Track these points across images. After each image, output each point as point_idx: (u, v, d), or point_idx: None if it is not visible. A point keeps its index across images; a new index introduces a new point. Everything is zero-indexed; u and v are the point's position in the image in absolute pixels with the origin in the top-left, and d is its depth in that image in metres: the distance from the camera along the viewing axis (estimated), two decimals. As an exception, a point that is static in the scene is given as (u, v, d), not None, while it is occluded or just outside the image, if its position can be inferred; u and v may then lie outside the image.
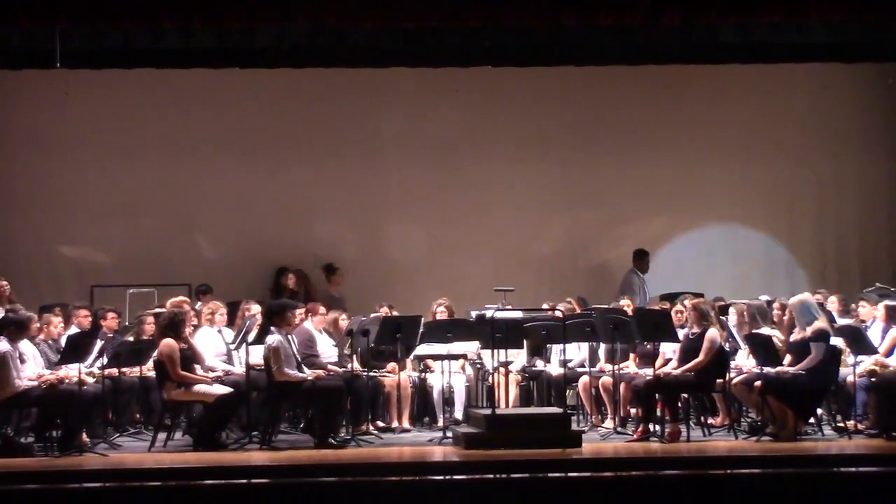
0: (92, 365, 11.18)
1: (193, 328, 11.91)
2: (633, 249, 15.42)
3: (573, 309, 12.67)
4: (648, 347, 11.52)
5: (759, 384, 10.94)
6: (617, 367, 11.67)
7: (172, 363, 10.85)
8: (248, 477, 9.60)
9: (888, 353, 11.24)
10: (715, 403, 11.89)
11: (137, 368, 11.45)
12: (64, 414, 10.65)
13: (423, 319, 11.86)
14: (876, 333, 11.47)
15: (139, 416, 12.15)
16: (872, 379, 11.05)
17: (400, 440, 11.64)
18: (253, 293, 14.14)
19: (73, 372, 10.69)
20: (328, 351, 12.09)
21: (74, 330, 11.71)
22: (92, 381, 10.95)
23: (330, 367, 11.63)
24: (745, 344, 11.58)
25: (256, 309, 12.12)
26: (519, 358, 12.59)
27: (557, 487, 9.41)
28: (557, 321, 11.61)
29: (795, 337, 11.07)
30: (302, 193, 15.53)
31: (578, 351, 12.36)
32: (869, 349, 11.13)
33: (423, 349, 12.06)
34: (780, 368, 10.94)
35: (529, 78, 15.19)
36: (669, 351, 11.55)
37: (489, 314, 11.51)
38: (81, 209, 15.31)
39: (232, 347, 11.87)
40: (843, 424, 11.28)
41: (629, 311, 12.26)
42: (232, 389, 11.01)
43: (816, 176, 15.91)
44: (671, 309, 12.15)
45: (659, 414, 11.14)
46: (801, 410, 10.95)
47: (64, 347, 10.90)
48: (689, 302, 11.64)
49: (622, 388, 11.63)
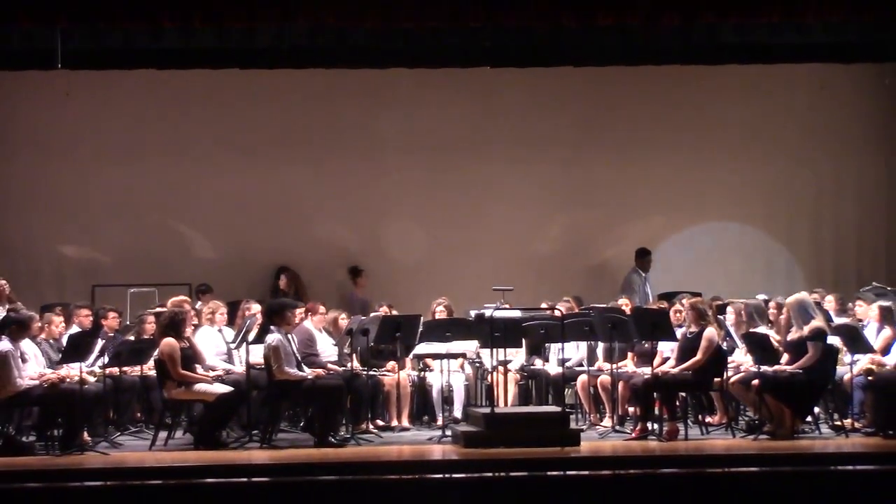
0: (93, 364, 11.23)
1: (194, 327, 11.96)
2: (631, 249, 15.44)
3: (571, 308, 12.70)
4: (646, 346, 11.52)
5: (756, 383, 10.96)
6: (615, 365, 11.70)
7: (173, 362, 10.88)
8: (248, 475, 9.63)
9: (883, 351, 11.29)
10: (713, 402, 11.91)
11: (138, 367, 11.45)
12: (65, 413, 10.67)
13: (422, 319, 11.91)
14: (872, 332, 11.49)
15: (140, 414, 12.17)
16: (869, 378, 11.06)
17: (399, 439, 11.66)
18: (253, 293, 14.18)
19: (74, 371, 10.74)
20: (328, 350, 12.11)
21: (76, 329, 11.72)
22: (93, 380, 10.99)
23: (330, 366, 11.65)
24: (742, 343, 11.62)
25: (256, 308, 12.15)
26: (518, 357, 12.60)
27: (556, 486, 9.41)
28: (556, 320, 11.64)
29: (793, 336, 11.08)
30: (302, 193, 15.55)
31: (577, 350, 12.39)
32: (866, 348, 11.15)
33: (422, 348, 12.07)
34: (777, 367, 10.96)
35: (529, 78, 15.19)
36: (667, 350, 11.57)
37: (488, 313, 11.54)
38: (82, 209, 15.33)
39: (232, 347, 11.90)
40: (840, 423, 11.33)
41: (627, 310, 12.28)
42: (232, 388, 11.04)
43: (815, 176, 15.91)
44: (669, 308, 12.20)
45: (657, 412, 11.16)
46: (798, 409, 10.97)
47: (65, 347, 10.92)
48: (686, 301, 11.66)
49: (620, 386, 11.66)
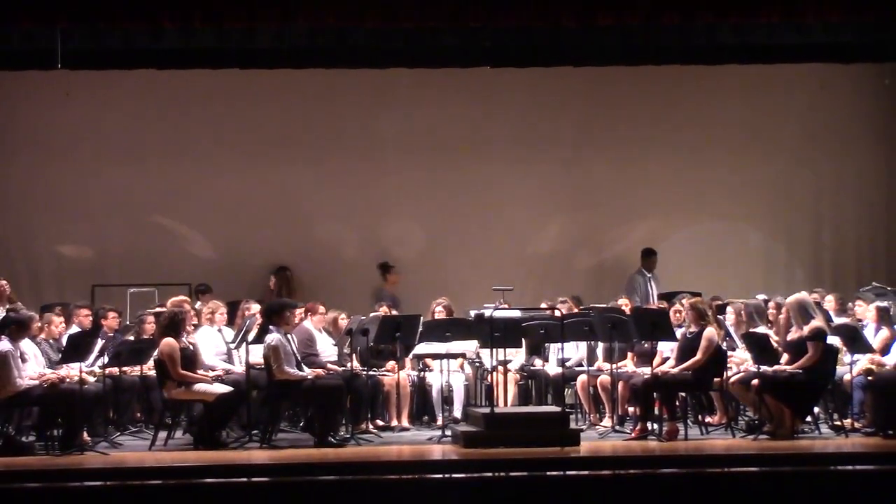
0: (93, 364, 11.23)
1: (194, 327, 11.97)
2: (631, 249, 15.46)
3: (570, 308, 12.70)
4: (646, 346, 11.53)
5: (756, 383, 10.97)
6: (615, 365, 11.70)
7: (173, 362, 10.88)
8: (248, 475, 9.63)
9: (883, 351, 11.29)
10: (712, 402, 11.91)
11: (138, 367, 11.45)
12: (65, 413, 10.67)
13: (422, 319, 11.92)
14: (871, 333, 11.48)
15: (140, 414, 12.17)
16: (869, 377, 11.07)
17: (399, 439, 11.67)
18: (252, 293, 14.17)
19: (74, 371, 10.74)
20: (328, 350, 12.12)
21: (75, 329, 11.73)
22: (93, 380, 11.00)
23: (329, 366, 11.66)
24: (742, 343, 11.63)
25: (256, 308, 12.17)
26: (517, 357, 12.61)
27: (556, 486, 9.41)
28: (556, 320, 11.65)
29: (792, 336, 11.09)
30: (302, 193, 15.54)
31: (577, 350, 12.39)
32: (865, 348, 11.15)
33: (422, 348, 12.07)
34: (777, 367, 10.96)
35: (529, 78, 15.19)
36: (667, 350, 11.58)
37: (488, 313, 11.54)
38: (82, 209, 15.32)
39: (232, 347, 11.91)
40: (839, 423, 11.34)
41: (627, 310, 12.29)
42: (232, 388, 11.05)
43: (815, 176, 15.90)
44: (669, 308, 12.20)
45: (657, 412, 11.17)
46: (798, 409, 10.98)
47: (65, 347, 10.93)
48: (686, 301, 11.67)
49: (620, 386, 11.67)
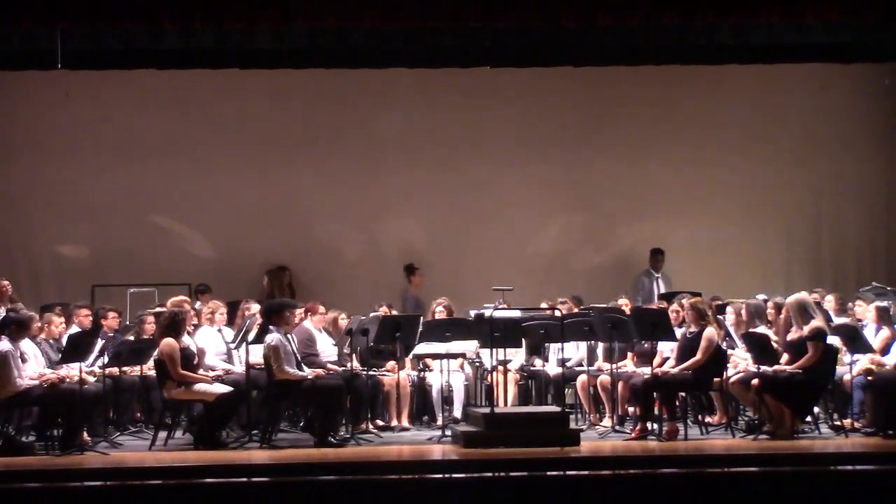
0: (93, 364, 11.23)
1: (194, 327, 11.97)
2: (630, 249, 15.51)
3: (570, 308, 12.71)
4: (646, 346, 11.54)
5: (756, 383, 10.97)
6: (615, 365, 11.71)
7: (173, 362, 10.88)
8: (248, 475, 9.63)
9: (883, 351, 11.30)
10: (712, 402, 11.91)
11: (138, 367, 11.46)
12: (65, 413, 10.67)
13: (422, 319, 11.92)
14: (871, 333, 11.47)
15: (140, 414, 12.17)
16: (869, 377, 11.07)
17: (399, 439, 11.67)
18: (253, 293, 14.21)
19: (74, 371, 10.74)
20: (328, 350, 12.11)
21: (75, 329, 11.73)
22: (93, 380, 11.00)
23: (329, 366, 11.66)
24: (742, 343, 11.63)
25: (256, 308, 12.17)
26: (517, 357, 12.61)
27: (556, 486, 9.41)
28: (556, 320, 11.65)
29: (792, 336, 11.09)
30: (302, 193, 15.55)
31: (577, 350, 12.40)
32: (865, 348, 11.15)
33: (422, 348, 12.06)
34: (777, 367, 10.97)
35: (529, 78, 15.21)
36: (667, 350, 11.58)
37: (488, 313, 11.55)
38: (82, 209, 15.34)
39: (232, 347, 11.91)
40: (839, 423, 11.34)
41: (627, 310, 12.30)
42: (232, 388, 11.05)
43: (814, 175, 15.90)
44: (668, 308, 12.20)
45: (657, 412, 11.17)
46: (798, 409, 10.97)
47: (65, 347, 10.92)
48: (686, 301, 11.66)
49: (620, 386, 11.67)
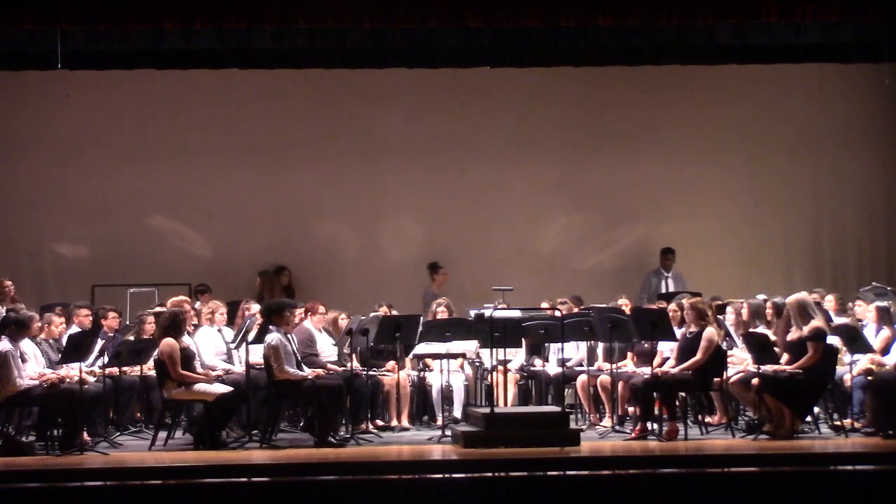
0: (93, 364, 11.25)
1: (194, 327, 11.98)
2: (630, 249, 15.55)
3: (569, 308, 12.71)
4: (646, 346, 11.55)
5: (756, 383, 10.97)
6: (615, 365, 11.71)
7: (173, 362, 10.88)
8: (248, 475, 9.63)
9: (883, 351, 11.30)
10: (712, 402, 11.91)
11: (138, 367, 11.47)
12: (65, 413, 10.67)
13: (422, 319, 11.92)
14: (871, 333, 11.47)
15: (140, 414, 12.18)
16: (869, 378, 11.07)
17: (399, 439, 11.67)
18: (253, 293, 14.22)
19: (74, 371, 10.75)
20: (328, 350, 12.12)
21: (75, 329, 11.72)
22: (93, 380, 11.01)
23: (329, 366, 11.67)
24: (742, 343, 11.64)
25: (256, 308, 12.17)
26: (517, 357, 12.62)
27: (556, 486, 9.41)
28: (556, 320, 11.65)
29: (792, 336, 11.09)
30: (301, 193, 15.56)
31: (577, 350, 12.40)
32: (866, 348, 11.16)
33: (421, 348, 12.07)
34: (777, 367, 10.97)
35: (529, 78, 15.23)
36: (667, 350, 11.59)
37: (488, 313, 11.55)
38: (82, 209, 15.34)
39: (232, 347, 11.91)
40: (839, 423, 11.34)
41: (627, 310, 12.30)
42: (232, 388, 11.05)
43: (814, 175, 15.90)
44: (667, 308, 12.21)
45: (657, 412, 11.17)
46: (798, 409, 10.97)
47: (65, 347, 10.92)
48: (686, 301, 11.65)
49: (620, 386, 11.67)
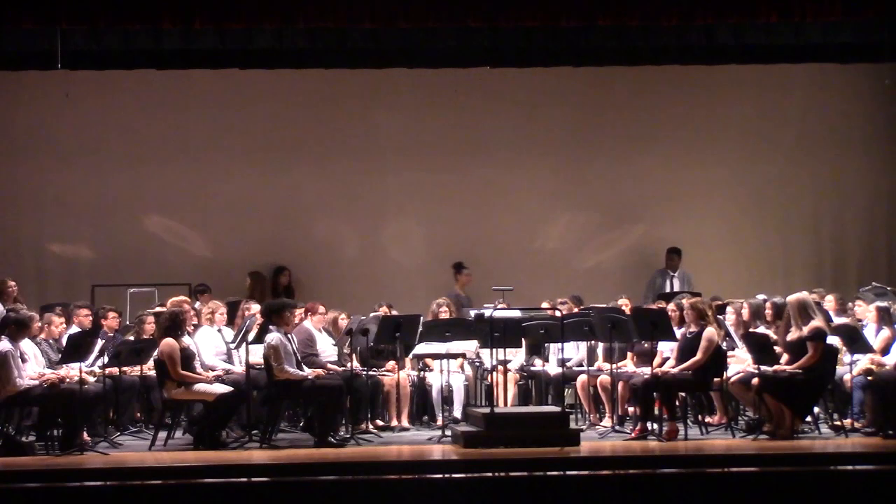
0: (93, 364, 11.25)
1: (194, 327, 11.98)
2: (630, 249, 15.56)
3: (569, 308, 12.71)
4: (646, 346, 11.55)
5: (756, 383, 10.98)
6: (615, 365, 11.71)
7: (173, 362, 10.88)
8: (248, 475, 9.63)
9: (883, 351, 11.30)
10: (712, 402, 11.92)
11: (138, 367, 11.47)
12: (65, 413, 10.68)
13: (422, 318, 11.92)
14: (871, 333, 11.47)
15: (140, 414, 12.18)
16: (869, 378, 11.07)
17: (399, 439, 11.68)
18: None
19: (74, 371, 10.75)
20: (328, 350, 12.13)
21: (75, 329, 11.72)
22: (93, 380, 11.01)
23: (329, 366, 11.67)
24: (742, 343, 11.63)
25: (256, 308, 12.17)
26: (517, 357, 12.62)
27: (556, 486, 9.41)
28: (556, 320, 11.65)
29: (792, 336, 11.09)
30: (301, 194, 15.56)
31: (577, 350, 12.40)
32: (866, 348, 11.16)
33: (421, 348, 12.08)
34: (777, 367, 10.97)
35: (529, 78, 15.23)
36: (667, 350, 11.59)
37: (488, 313, 11.55)
38: (82, 209, 15.34)
39: (232, 347, 11.91)
40: (839, 423, 11.34)
41: (627, 310, 12.30)
42: (232, 388, 11.06)
43: (814, 175, 15.90)
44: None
45: (657, 412, 11.18)
46: (798, 409, 10.96)
47: (65, 347, 10.93)
48: (686, 301, 11.65)
49: (620, 386, 11.67)
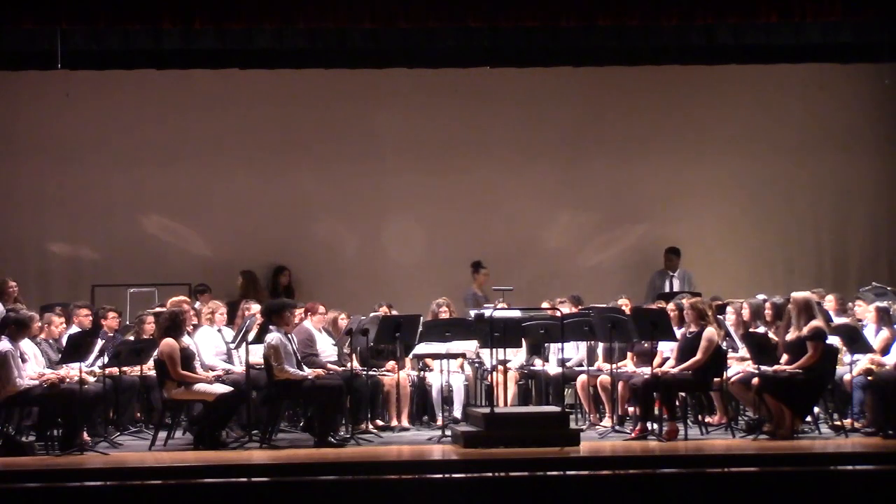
0: (93, 364, 11.25)
1: (193, 327, 11.98)
2: (630, 249, 15.56)
3: (570, 308, 12.70)
4: (646, 346, 11.55)
5: (756, 383, 10.98)
6: (615, 365, 11.71)
7: (173, 362, 10.88)
8: (248, 475, 9.63)
9: (883, 351, 11.30)
10: (712, 402, 11.92)
11: (138, 367, 11.47)
12: (65, 413, 10.69)
13: (422, 318, 11.92)
14: (871, 333, 11.47)
15: (140, 414, 12.19)
16: (869, 377, 11.08)
17: (399, 439, 11.68)
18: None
19: (73, 371, 10.75)
20: (328, 350, 12.13)
21: (75, 329, 11.73)
22: (93, 380, 11.01)
23: (329, 365, 11.67)
24: (742, 343, 11.63)
25: (256, 308, 12.18)
26: (517, 357, 12.63)
27: (556, 486, 9.41)
28: (556, 320, 11.65)
29: (792, 336, 11.09)
30: (301, 194, 15.55)
31: (577, 350, 12.40)
32: (866, 348, 11.16)
33: (421, 348, 12.08)
34: (777, 367, 10.97)
35: (528, 78, 15.22)
36: (667, 350, 11.59)
37: (488, 313, 11.55)
38: (82, 209, 15.33)
39: (232, 347, 11.92)
40: (839, 423, 11.35)
41: (627, 310, 12.30)
42: (232, 388, 11.06)
43: (814, 176, 15.89)
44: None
45: (657, 412, 11.18)
46: (798, 409, 10.97)
47: (65, 347, 10.93)
48: (686, 301, 11.66)
49: (620, 386, 11.67)
